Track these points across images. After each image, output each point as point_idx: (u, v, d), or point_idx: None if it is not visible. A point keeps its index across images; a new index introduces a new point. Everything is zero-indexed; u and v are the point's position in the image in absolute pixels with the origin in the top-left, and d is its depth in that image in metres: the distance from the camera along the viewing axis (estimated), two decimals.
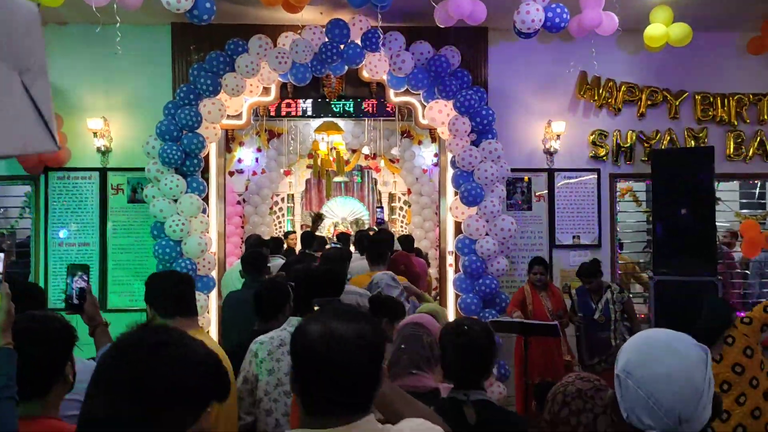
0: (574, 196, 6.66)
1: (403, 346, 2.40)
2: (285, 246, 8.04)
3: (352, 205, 11.26)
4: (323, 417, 1.27)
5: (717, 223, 6.23)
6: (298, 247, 8.10)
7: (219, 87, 5.73)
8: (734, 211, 7.08)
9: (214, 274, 6.08)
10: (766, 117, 6.69)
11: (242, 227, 9.74)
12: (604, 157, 6.64)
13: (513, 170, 6.28)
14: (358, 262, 5.58)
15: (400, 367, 2.36)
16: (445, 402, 2.15)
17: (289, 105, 7.01)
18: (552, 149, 6.57)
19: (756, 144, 6.68)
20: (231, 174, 9.51)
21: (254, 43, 5.69)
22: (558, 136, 6.51)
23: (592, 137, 6.64)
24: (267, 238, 9.10)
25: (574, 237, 6.64)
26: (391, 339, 2.49)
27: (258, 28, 5.91)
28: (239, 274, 5.04)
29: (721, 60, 6.69)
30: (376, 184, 11.08)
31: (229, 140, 9.73)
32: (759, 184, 8.56)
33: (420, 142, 9.99)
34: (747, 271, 7.29)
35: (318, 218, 10.80)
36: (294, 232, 8.86)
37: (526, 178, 6.65)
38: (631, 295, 5.70)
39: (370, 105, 7.08)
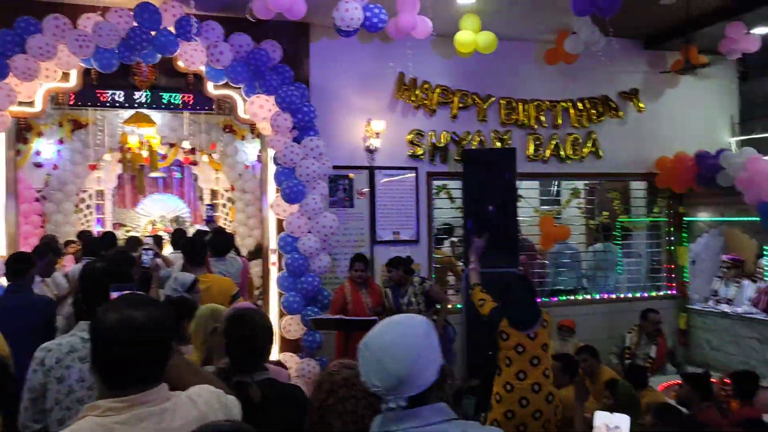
0: (394, 193, 6.87)
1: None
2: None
3: (171, 203, 10.63)
4: (122, 389, 1.49)
5: (519, 219, 6.78)
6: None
7: (7, 69, 5.07)
8: (534, 208, 7.77)
9: (3, 281, 5.37)
10: (560, 122, 7.42)
11: (42, 226, 8.74)
12: (422, 156, 6.94)
13: (335, 167, 6.32)
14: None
15: (221, 349, 2.51)
16: (230, 386, 2.22)
17: (97, 94, 6.39)
18: (373, 147, 6.72)
19: (552, 146, 7.39)
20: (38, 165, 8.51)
21: (49, 23, 5.11)
22: (378, 134, 6.67)
23: (410, 136, 6.90)
24: (71, 238, 8.30)
25: (394, 233, 6.85)
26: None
27: (53, 7, 5.32)
28: None
29: (523, 68, 7.30)
30: (196, 180, 10.57)
31: (24, 130, 8.69)
32: (555, 183, 9.49)
33: (243, 138, 9.67)
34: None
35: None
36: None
37: (351, 175, 6.73)
38: (432, 283, 5.99)
39: (188, 97, 6.70)
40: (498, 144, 7.16)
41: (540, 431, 3.79)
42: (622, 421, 1.39)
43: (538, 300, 4.58)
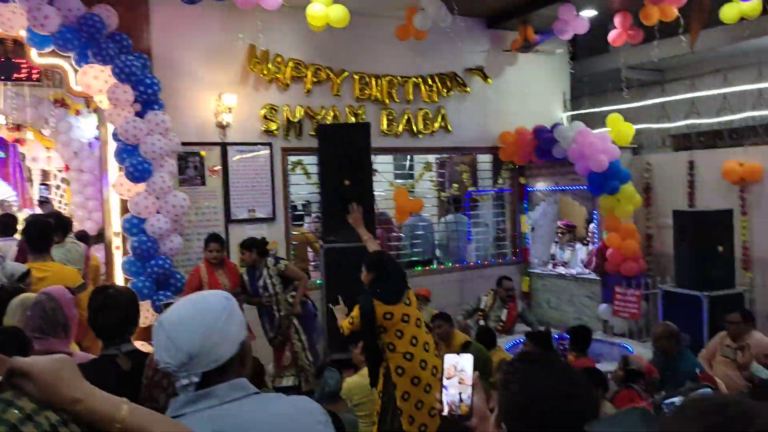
0: (248, 170, 6.67)
1: (28, 313, 2.63)
2: None
3: None
4: None
5: (375, 193, 6.87)
6: None
7: None
8: (389, 182, 7.93)
9: None
10: (411, 97, 7.59)
11: None
12: (276, 132, 6.78)
13: (184, 144, 6.00)
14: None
15: (28, 330, 2.54)
16: (99, 360, 2.39)
17: None
18: (225, 123, 6.45)
19: (404, 121, 7.55)
20: None
21: None
22: (230, 109, 6.41)
23: (263, 111, 6.71)
24: None
25: (249, 211, 6.66)
26: None
27: None
28: None
29: (376, 43, 7.35)
30: (24, 160, 9.54)
31: None
32: (408, 157, 9.73)
33: (78, 112, 8.86)
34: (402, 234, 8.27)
35: None
36: None
37: (203, 153, 6.41)
38: (287, 263, 5.92)
39: (4, 66, 5.95)
40: (352, 119, 7.18)
41: (436, 383, 3.90)
42: (467, 361, 1.49)
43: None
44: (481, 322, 6.55)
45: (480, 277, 8.14)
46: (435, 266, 8.10)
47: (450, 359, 1.54)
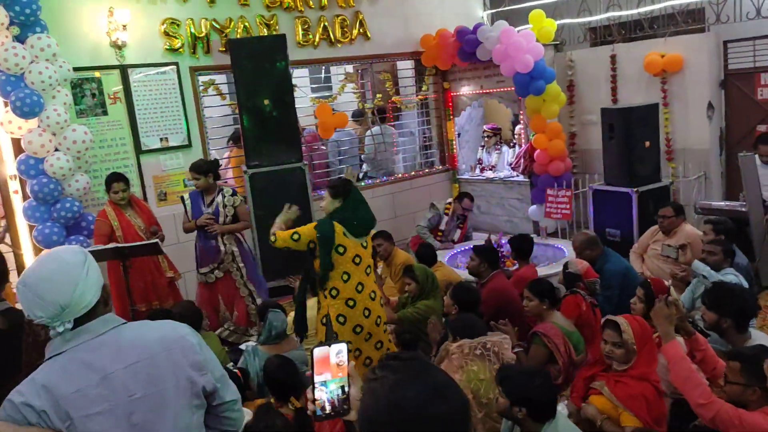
0: (155, 94, 6.05)
1: None
2: None
3: None
4: None
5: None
6: None
7: None
8: (309, 96, 7.48)
9: None
10: (326, 2, 7.03)
11: None
12: (181, 50, 6.13)
13: (77, 69, 5.33)
14: None
15: None
16: None
17: None
18: (120, 42, 5.76)
19: (320, 30, 7.03)
20: None
21: None
22: (125, 26, 5.70)
23: (163, 27, 6.02)
24: None
25: (162, 139, 6.11)
26: None
27: None
28: None
29: None
30: None
31: None
32: (324, 69, 9.21)
33: None
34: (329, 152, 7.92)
35: None
36: None
37: (97, 74, 5.73)
38: (242, 199, 5.50)
39: None
40: (265, 31, 6.60)
41: (383, 335, 3.78)
42: (343, 348, 1.35)
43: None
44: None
45: (410, 189, 8.02)
46: (363, 183, 7.87)
47: (320, 351, 1.34)
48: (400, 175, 8.11)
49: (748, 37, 6.40)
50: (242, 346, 4.55)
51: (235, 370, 3.48)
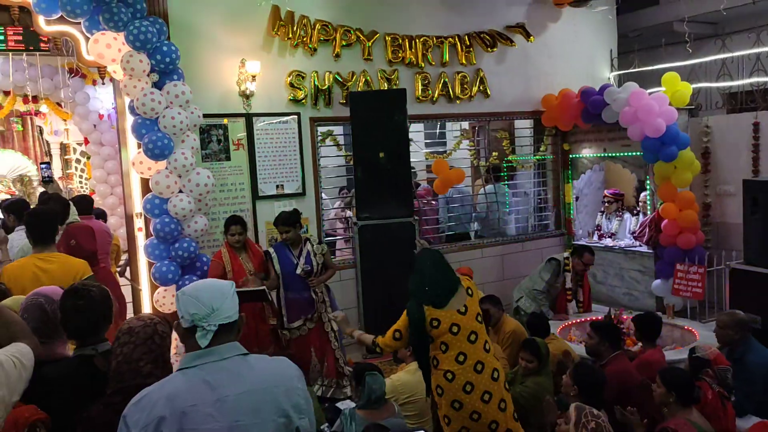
0: (275, 142, 6.21)
1: (25, 315, 2.48)
2: None
3: (12, 160, 9.22)
4: None
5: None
6: None
7: None
8: (423, 151, 7.43)
9: None
10: (447, 59, 7.02)
11: None
12: (303, 101, 6.29)
13: (206, 116, 5.56)
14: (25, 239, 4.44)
15: None
16: (75, 360, 2.39)
17: None
18: (248, 92, 5.98)
19: (440, 85, 7.00)
20: None
21: None
22: (254, 77, 5.93)
23: (289, 78, 6.21)
24: None
25: (277, 186, 6.23)
26: None
27: None
28: None
29: (408, 1, 6.78)
30: (42, 133, 9.21)
31: None
32: (439, 124, 9.18)
33: (95, 82, 8.45)
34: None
35: None
36: None
37: (225, 120, 5.96)
38: (325, 248, 5.47)
39: (15, 34, 5.53)
40: (385, 85, 6.65)
41: (495, 413, 3.31)
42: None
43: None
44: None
45: (521, 251, 7.67)
46: (472, 241, 7.62)
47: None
48: (512, 237, 7.80)
49: None
50: (339, 405, 4.37)
51: None
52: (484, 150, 7.93)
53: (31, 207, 5.39)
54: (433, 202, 7.58)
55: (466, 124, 7.81)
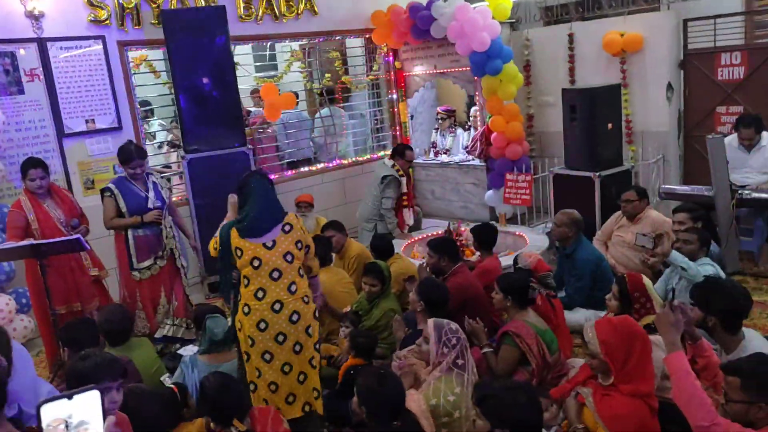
0: (78, 71, 5.45)
1: None
2: None
3: None
4: None
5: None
6: None
7: None
8: (253, 75, 6.97)
9: None
10: None
11: None
12: (107, 21, 5.53)
13: None
14: None
15: None
16: None
17: None
18: (37, 12, 5.13)
19: (264, 3, 6.51)
20: None
21: None
22: None
23: None
24: None
25: (87, 121, 5.52)
26: None
27: None
28: None
29: None
30: None
31: None
32: (269, 46, 8.67)
33: None
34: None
35: None
36: None
37: (22, 51, 5.09)
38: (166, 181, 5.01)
39: None
40: (202, 2, 6.04)
41: (292, 357, 3.15)
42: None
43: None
44: None
45: (362, 174, 7.62)
46: (311, 168, 7.41)
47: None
48: (351, 160, 7.70)
49: (709, 16, 6.25)
50: (181, 352, 4.09)
51: (170, 386, 3.04)
52: (317, 72, 7.63)
53: None
54: (269, 130, 7.21)
55: (296, 47, 7.43)
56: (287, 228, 3.20)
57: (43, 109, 5.29)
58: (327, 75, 7.52)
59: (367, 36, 7.55)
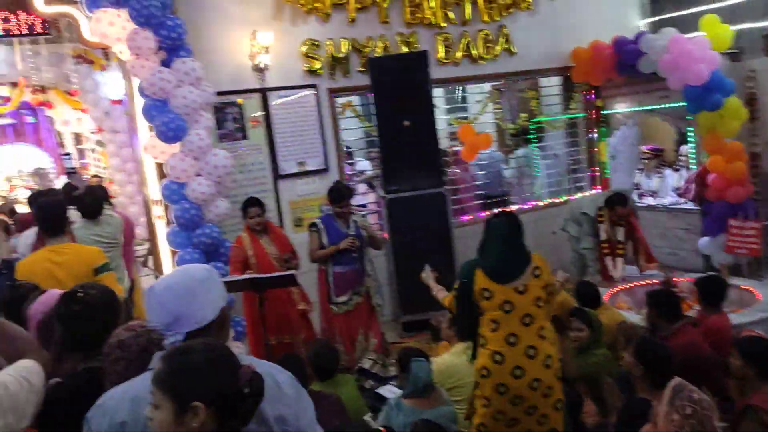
0: (293, 117, 5.90)
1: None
2: None
3: (28, 153, 9.05)
4: None
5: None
6: None
7: None
8: (445, 118, 7.06)
9: None
10: (468, 17, 6.59)
11: None
12: (320, 71, 5.94)
13: (219, 94, 5.24)
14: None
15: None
16: (79, 375, 2.05)
17: None
18: (262, 65, 5.66)
19: (463, 46, 6.59)
20: None
21: None
22: (266, 49, 5.59)
23: (304, 48, 5.87)
24: None
25: (299, 163, 5.93)
26: None
27: None
28: None
29: None
30: (53, 124, 8.99)
31: None
32: (460, 89, 8.75)
33: (103, 68, 8.18)
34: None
35: None
36: None
37: (240, 100, 5.66)
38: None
39: (12, 17, 5.22)
40: (405, 49, 6.27)
41: (540, 401, 3.05)
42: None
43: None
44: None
45: (558, 216, 7.29)
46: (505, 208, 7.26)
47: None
48: (546, 202, 7.42)
49: None
50: (383, 392, 4.11)
51: (379, 428, 3.04)
52: (513, 111, 7.52)
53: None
54: (469, 170, 7.23)
55: (487, 87, 7.42)
56: (537, 272, 3.12)
57: (262, 153, 5.78)
58: (523, 114, 7.37)
59: (567, 74, 7.31)
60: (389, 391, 4.00)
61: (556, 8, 7.15)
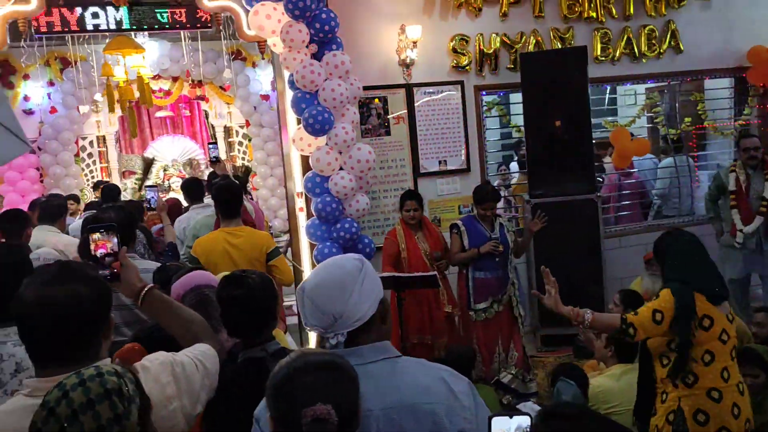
0: (437, 114, 5.73)
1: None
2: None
3: (182, 144, 9.64)
4: (45, 368, 1.43)
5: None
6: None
7: None
8: (604, 120, 6.57)
9: None
10: (631, 11, 6.09)
11: (41, 181, 7.87)
12: (468, 67, 5.73)
13: (365, 88, 5.19)
14: (200, 216, 4.65)
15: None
16: (243, 364, 2.04)
17: (65, 15, 5.25)
18: (409, 60, 5.54)
19: (623, 43, 6.10)
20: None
21: None
22: (414, 44, 5.47)
23: (452, 44, 5.68)
24: (74, 192, 7.43)
25: (440, 162, 5.76)
26: None
27: None
28: None
29: None
30: (207, 117, 9.51)
31: (7, 73, 7.67)
32: (609, 89, 8.15)
33: (254, 64, 8.52)
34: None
35: (148, 165, 9.14)
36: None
37: (376, 100, 5.59)
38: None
39: (178, 14, 5.51)
40: (558, 45, 5.89)
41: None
42: (523, 421, 1.17)
43: None
44: None
45: (712, 234, 6.56)
46: (649, 222, 6.64)
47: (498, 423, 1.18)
48: (702, 216, 6.69)
49: None
50: (521, 407, 3.82)
51: None
52: (676, 115, 6.86)
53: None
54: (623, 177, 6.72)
55: (641, 88, 6.82)
56: (730, 316, 2.78)
57: (404, 150, 5.67)
58: (687, 119, 6.71)
59: (740, 75, 6.55)
60: (530, 408, 3.70)
61: (733, 1, 6.43)
